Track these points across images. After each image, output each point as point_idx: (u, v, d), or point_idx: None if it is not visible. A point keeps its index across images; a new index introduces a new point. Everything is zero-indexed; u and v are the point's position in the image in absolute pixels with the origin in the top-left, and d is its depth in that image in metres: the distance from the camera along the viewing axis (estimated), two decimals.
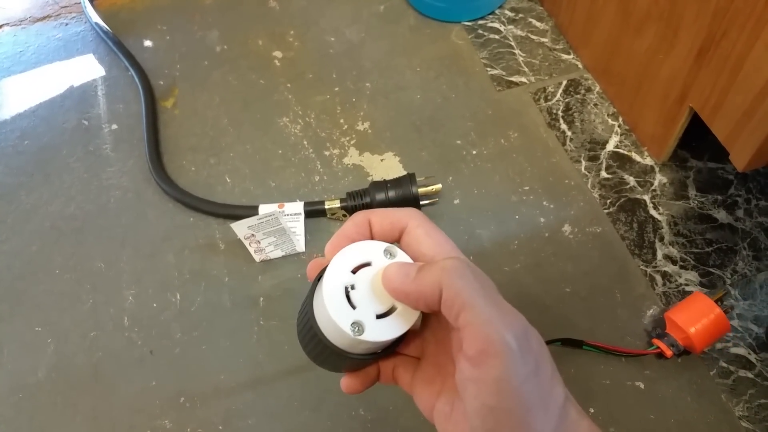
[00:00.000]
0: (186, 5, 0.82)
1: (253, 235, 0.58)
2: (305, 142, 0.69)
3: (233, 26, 0.80)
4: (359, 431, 0.53)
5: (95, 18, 0.81)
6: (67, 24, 0.83)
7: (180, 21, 0.81)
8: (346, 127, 0.70)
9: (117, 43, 0.78)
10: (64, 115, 0.74)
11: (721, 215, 0.61)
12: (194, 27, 0.80)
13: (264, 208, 0.63)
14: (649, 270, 0.58)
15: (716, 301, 0.52)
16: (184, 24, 0.81)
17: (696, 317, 0.51)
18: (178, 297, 0.60)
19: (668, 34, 0.57)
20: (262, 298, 0.59)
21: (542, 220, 0.62)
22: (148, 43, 0.79)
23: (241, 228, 0.57)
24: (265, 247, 0.60)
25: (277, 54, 0.77)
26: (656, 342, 0.53)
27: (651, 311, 0.56)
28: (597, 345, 0.53)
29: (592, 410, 0.52)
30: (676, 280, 0.58)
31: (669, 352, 0.52)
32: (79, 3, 0.84)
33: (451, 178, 0.66)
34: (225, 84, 0.75)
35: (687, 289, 0.57)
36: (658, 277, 0.58)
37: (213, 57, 0.77)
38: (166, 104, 0.74)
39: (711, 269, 0.58)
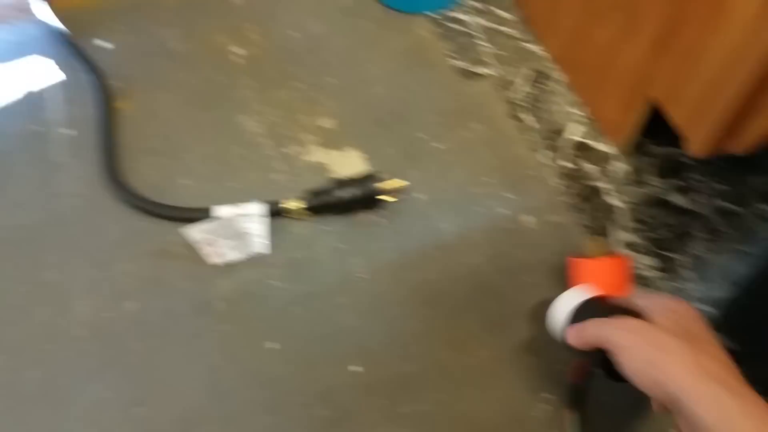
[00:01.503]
0: (145, 4, 0.81)
1: (208, 239, 0.57)
2: (266, 141, 0.68)
3: (193, 24, 0.78)
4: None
5: (51, 19, 0.79)
6: (20, 26, 0.81)
7: (139, 20, 0.79)
8: (308, 124, 0.69)
9: (74, 45, 0.76)
10: (17, 121, 0.72)
11: (679, 200, 0.61)
12: (154, 26, 0.79)
13: (221, 210, 0.61)
14: None
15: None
16: (144, 23, 0.79)
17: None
18: (134, 305, 0.59)
19: (629, 23, 0.56)
20: (220, 303, 0.58)
21: (504, 211, 0.61)
22: (106, 44, 0.78)
23: (195, 233, 0.56)
24: (222, 251, 0.59)
25: (238, 51, 0.76)
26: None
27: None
28: None
29: (549, 396, 0.52)
30: (635, 266, 0.57)
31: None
32: (33, 4, 0.82)
33: (414, 172, 0.65)
34: (184, 83, 0.73)
35: (644, 274, 0.57)
36: None
37: (172, 56, 0.76)
38: (122, 106, 0.72)
39: (668, 254, 0.58)
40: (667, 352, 0.38)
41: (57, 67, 0.76)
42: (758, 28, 0.42)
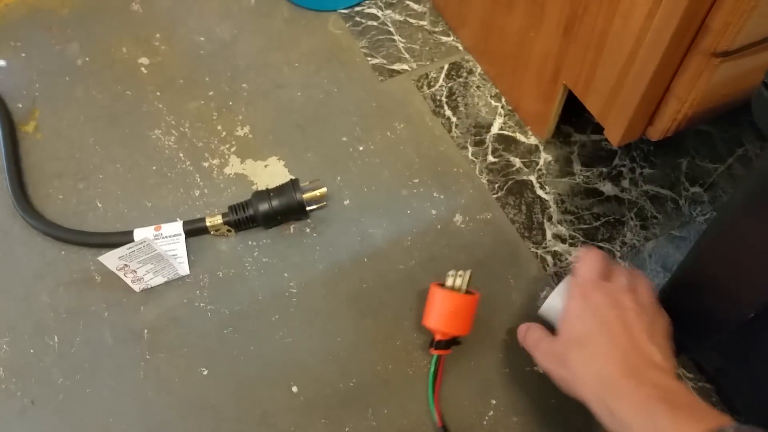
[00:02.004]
0: (40, 18, 0.75)
1: (126, 265, 0.54)
2: (181, 155, 0.65)
3: (94, 36, 0.74)
4: None
5: None
6: None
7: (35, 35, 0.74)
8: (224, 133, 0.66)
9: None
10: None
11: (607, 188, 0.61)
12: (52, 41, 0.74)
13: (139, 233, 0.58)
14: (539, 251, 0.58)
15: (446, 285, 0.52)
16: (41, 38, 0.74)
17: (436, 312, 0.51)
18: (56, 339, 0.56)
19: (536, 10, 0.56)
20: (146, 331, 0.56)
21: (434, 212, 0.61)
22: (1, 62, 0.72)
23: (111, 260, 0.53)
24: (143, 276, 0.56)
25: (144, 61, 0.72)
26: (435, 352, 0.52)
27: (544, 293, 0.56)
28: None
29: (494, 401, 0.52)
30: (566, 259, 0.57)
31: (448, 351, 0.52)
32: None
33: (339, 177, 0.63)
34: (89, 99, 0.69)
35: None
36: (549, 258, 0.58)
37: (74, 71, 0.71)
38: (26, 129, 0.68)
39: (600, 244, 0.58)
40: (568, 369, 0.43)
41: None
42: (659, 10, 0.42)
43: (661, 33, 0.42)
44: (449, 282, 0.52)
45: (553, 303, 0.50)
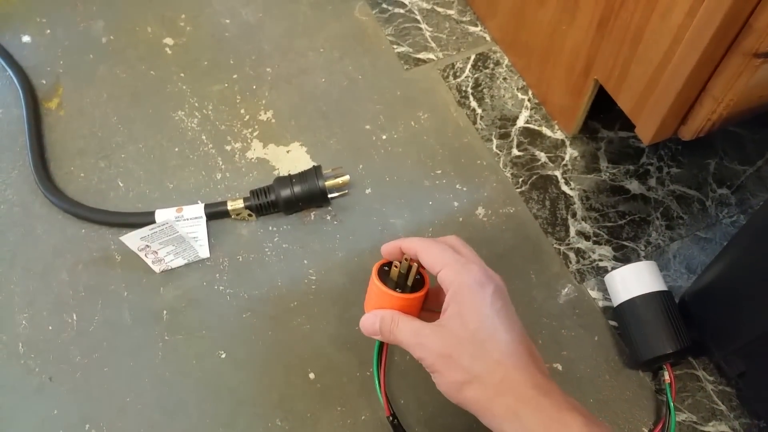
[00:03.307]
0: None
1: (148, 246, 0.54)
2: (204, 137, 0.65)
3: (119, 14, 0.74)
4: None
5: None
6: None
7: (61, 12, 0.74)
8: (247, 117, 0.66)
9: None
10: None
11: (633, 186, 0.60)
12: (77, 18, 0.73)
13: (161, 214, 0.58)
14: (562, 248, 0.57)
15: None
16: (66, 15, 0.74)
17: (377, 306, 0.44)
18: (75, 317, 0.56)
19: (569, 4, 0.55)
20: (165, 312, 0.56)
21: (456, 204, 0.60)
22: (26, 38, 0.72)
23: (132, 240, 0.53)
24: (164, 257, 0.56)
25: (168, 41, 0.71)
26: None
27: (566, 290, 0.56)
28: None
29: None
30: (589, 257, 0.57)
31: None
32: None
33: (361, 166, 0.63)
34: (113, 78, 0.69)
35: (600, 264, 0.56)
36: (572, 255, 0.57)
37: (99, 49, 0.71)
38: (50, 105, 0.68)
39: (624, 242, 0.57)
40: (460, 370, 0.37)
41: None
42: (701, 9, 0.41)
43: (702, 32, 0.41)
44: (393, 272, 0.43)
45: (626, 274, 0.51)
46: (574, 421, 0.34)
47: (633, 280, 0.51)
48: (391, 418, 0.50)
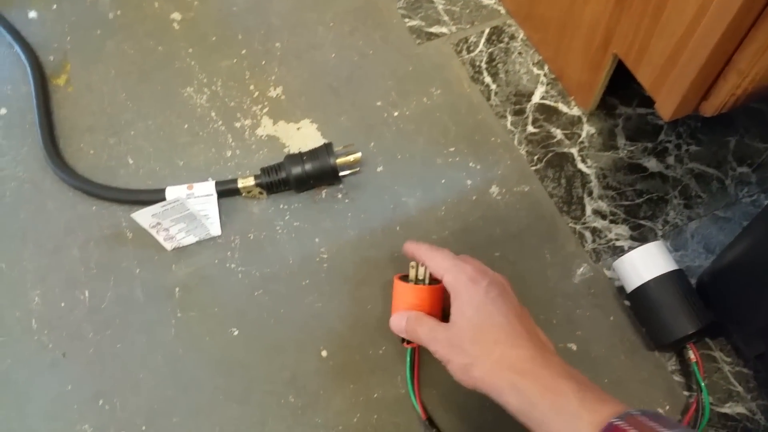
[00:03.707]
0: None
1: (159, 223, 0.54)
2: (213, 114, 0.64)
3: None
4: (290, 419, 0.50)
5: None
6: None
7: None
8: (257, 94, 0.65)
9: None
10: None
11: (651, 164, 0.59)
12: None
13: (171, 191, 0.58)
14: (578, 227, 0.56)
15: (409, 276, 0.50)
16: None
17: (403, 306, 0.49)
18: (87, 294, 0.56)
19: None
20: (177, 289, 0.56)
21: (469, 182, 0.59)
22: (32, 14, 0.71)
23: (144, 217, 0.53)
24: (175, 234, 0.56)
25: (176, 16, 0.70)
26: (408, 346, 0.50)
27: (581, 270, 0.55)
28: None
29: None
30: (606, 236, 0.56)
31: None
32: None
33: (372, 143, 0.62)
34: (120, 54, 0.68)
35: (617, 244, 0.56)
36: (588, 234, 0.56)
37: (106, 25, 0.70)
38: (58, 82, 0.67)
39: (641, 221, 0.56)
40: (470, 356, 0.42)
41: None
42: None
43: (729, 1, 0.40)
44: (411, 274, 0.49)
45: (637, 256, 0.50)
46: (569, 388, 0.38)
47: (643, 264, 0.50)
48: (427, 423, 0.50)
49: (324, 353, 0.53)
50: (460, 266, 0.45)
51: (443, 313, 0.49)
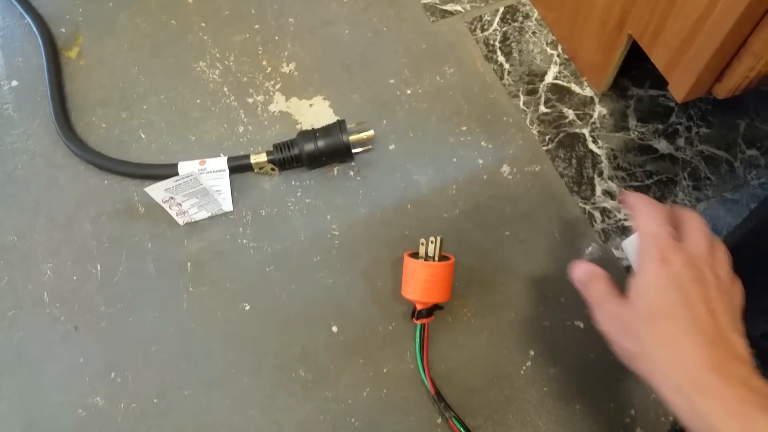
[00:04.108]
0: None
1: (172, 197, 0.54)
2: (225, 89, 0.64)
3: None
4: (300, 393, 0.51)
5: None
6: None
7: None
8: (269, 69, 0.65)
9: None
10: None
11: (662, 145, 0.59)
12: None
13: (184, 166, 0.58)
14: (588, 207, 0.57)
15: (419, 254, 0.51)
16: None
17: (413, 282, 0.50)
18: (99, 268, 0.56)
19: None
20: (189, 263, 0.56)
21: (481, 161, 0.59)
22: None
23: (157, 191, 0.53)
24: (187, 209, 0.56)
25: None
26: (418, 322, 0.51)
27: (590, 249, 0.55)
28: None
29: (532, 352, 0.52)
30: (615, 216, 0.56)
31: (431, 318, 0.51)
32: None
33: (385, 121, 0.62)
34: (133, 27, 0.68)
35: (626, 224, 0.56)
36: (597, 214, 0.56)
37: None
38: (70, 54, 0.67)
39: None
40: (640, 344, 0.37)
41: None
42: None
43: None
44: (421, 251, 0.51)
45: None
46: (760, 414, 0.31)
47: None
48: (435, 398, 0.50)
49: (334, 328, 0.53)
50: (658, 238, 0.38)
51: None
